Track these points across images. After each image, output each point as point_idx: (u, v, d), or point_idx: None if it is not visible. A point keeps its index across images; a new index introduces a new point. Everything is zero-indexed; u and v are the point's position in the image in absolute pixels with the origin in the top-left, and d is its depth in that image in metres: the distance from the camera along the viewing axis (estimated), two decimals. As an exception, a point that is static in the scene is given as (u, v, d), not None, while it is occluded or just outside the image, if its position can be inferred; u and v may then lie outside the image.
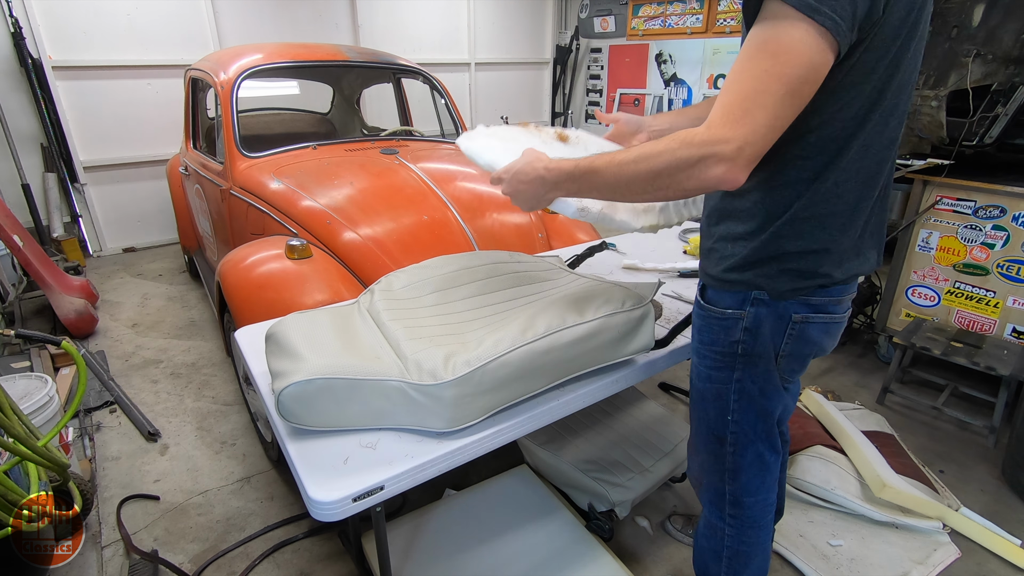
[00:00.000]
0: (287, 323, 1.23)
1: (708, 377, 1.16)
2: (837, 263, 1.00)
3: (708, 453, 1.24)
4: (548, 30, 6.97)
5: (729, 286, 1.07)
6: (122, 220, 4.71)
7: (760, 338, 1.06)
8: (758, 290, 1.03)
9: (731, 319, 1.08)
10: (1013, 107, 2.38)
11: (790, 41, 0.78)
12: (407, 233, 2.11)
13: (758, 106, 0.79)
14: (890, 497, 1.85)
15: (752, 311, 1.05)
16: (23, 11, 3.90)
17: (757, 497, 1.23)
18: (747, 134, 0.80)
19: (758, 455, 1.18)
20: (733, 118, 0.80)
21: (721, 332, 1.10)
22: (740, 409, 1.14)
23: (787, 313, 1.03)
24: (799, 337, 1.06)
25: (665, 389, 2.68)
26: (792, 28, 0.77)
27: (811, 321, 1.04)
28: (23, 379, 2.00)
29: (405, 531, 1.67)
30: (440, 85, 3.29)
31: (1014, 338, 2.47)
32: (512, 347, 1.10)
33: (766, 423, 1.15)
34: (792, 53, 0.78)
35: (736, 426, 1.16)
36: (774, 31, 0.79)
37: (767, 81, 0.79)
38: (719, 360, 1.13)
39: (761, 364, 1.09)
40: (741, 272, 1.04)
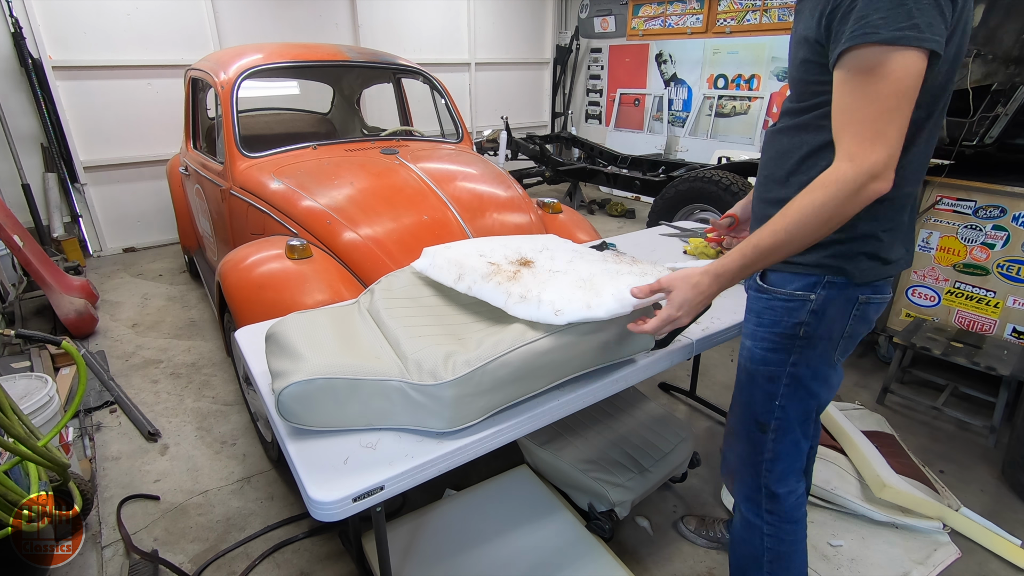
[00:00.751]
0: (287, 323, 1.23)
1: (763, 359, 1.18)
2: (896, 246, 1.07)
3: (748, 442, 1.25)
4: (548, 30, 6.97)
5: (799, 268, 1.09)
6: (122, 220, 4.71)
7: (825, 320, 1.09)
8: (833, 274, 1.07)
9: (798, 300, 1.10)
10: (1013, 107, 2.38)
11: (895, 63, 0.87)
12: (407, 233, 2.11)
13: (887, 123, 0.89)
14: (890, 497, 1.85)
15: (823, 294, 1.08)
16: (23, 11, 3.90)
17: (789, 487, 1.25)
18: (889, 151, 0.90)
19: (795, 443, 1.21)
20: (870, 141, 0.90)
21: (784, 314, 1.12)
22: (788, 394, 1.17)
23: (855, 295, 1.08)
24: (861, 318, 1.11)
25: (665, 389, 2.68)
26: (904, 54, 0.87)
27: (872, 302, 1.10)
28: (23, 379, 2.00)
29: (405, 531, 1.67)
30: (440, 85, 3.29)
31: (1014, 338, 2.47)
32: (512, 347, 1.10)
33: (808, 407, 1.19)
34: (899, 72, 0.87)
35: (781, 411, 1.19)
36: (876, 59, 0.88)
37: (888, 100, 0.88)
38: (777, 342, 1.15)
39: (820, 346, 1.12)
40: (815, 254, 1.06)
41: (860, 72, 0.89)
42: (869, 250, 1.05)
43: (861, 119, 0.90)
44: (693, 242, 2.13)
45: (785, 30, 4.85)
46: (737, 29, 5.28)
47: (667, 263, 1.97)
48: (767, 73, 5.31)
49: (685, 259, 2.08)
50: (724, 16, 5.33)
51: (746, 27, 5.21)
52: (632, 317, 1.16)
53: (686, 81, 5.99)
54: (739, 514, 1.34)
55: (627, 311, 1.13)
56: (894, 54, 0.86)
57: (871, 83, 0.89)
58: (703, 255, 2.06)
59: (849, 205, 0.93)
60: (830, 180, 0.93)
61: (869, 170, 0.90)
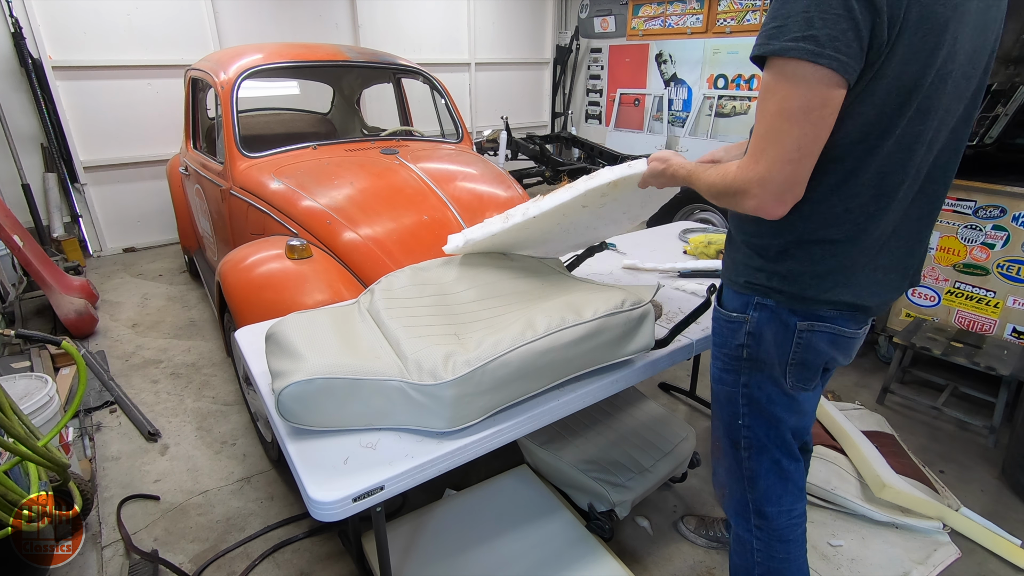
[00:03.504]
0: (287, 323, 1.23)
1: (719, 379, 1.18)
2: (845, 288, 0.98)
3: (729, 457, 1.23)
4: (548, 30, 6.97)
5: (735, 286, 1.09)
6: (122, 220, 4.71)
7: (764, 344, 1.06)
8: (761, 295, 1.04)
9: (736, 321, 1.09)
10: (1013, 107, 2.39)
11: (793, 80, 0.81)
12: (407, 233, 2.11)
13: (770, 143, 0.85)
14: (890, 497, 1.85)
15: (755, 316, 1.06)
16: (23, 11, 3.90)
17: (780, 507, 1.20)
18: (763, 171, 0.86)
19: (775, 462, 1.17)
20: (753, 158, 0.88)
21: (728, 334, 1.12)
22: (750, 414, 1.14)
23: (791, 321, 1.02)
24: (807, 346, 1.04)
25: (665, 389, 2.68)
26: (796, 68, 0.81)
27: (817, 330, 1.02)
28: (23, 379, 2.00)
29: (405, 531, 1.67)
30: (440, 85, 3.29)
31: (1014, 338, 2.47)
32: (512, 347, 1.10)
33: (778, 430, 1.14)
34: (796, 90, 0.81)
35: (748, 431, 1.16)
36: (769, 72, 0.84)
37: (772, 119, 0.84)
38: (728, 363, 1.14)
39: (766, 370, 1.08)
40: (749, 275, 1.05)
41: (763, 83, 0.86)
42: (802, 291, 0.99)
43: (756, 133, 0.88)
44: (693, 242, 2.13)
45: (785, 30, 4.85)
46: (737, 29, 5.28)
47: (667, 263, 1.97)
48: (767, 73, 5.30)
49: (685, 259, 2.08)
50: (724, 16, 5.34)
51: (746, 27, 5.21)
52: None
53: (686, 81, 5.99)
54: (732, 529, 1.32)
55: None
56: (784, 67, 0.81)
57: (762, 98, 0.85)
58: (703, 255, 2.06)
59: (732, 200, 0.93)
60: (723, 170, 0.95)
61: (743, 184, 0.89)
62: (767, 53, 0.82)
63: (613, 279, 1.87)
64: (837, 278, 0.98)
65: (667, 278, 1.90)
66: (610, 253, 2.12)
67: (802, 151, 0.84)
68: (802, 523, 1.25)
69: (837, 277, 0.98)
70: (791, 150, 0.83)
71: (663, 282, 1.85)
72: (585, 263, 1.93)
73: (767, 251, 1.02)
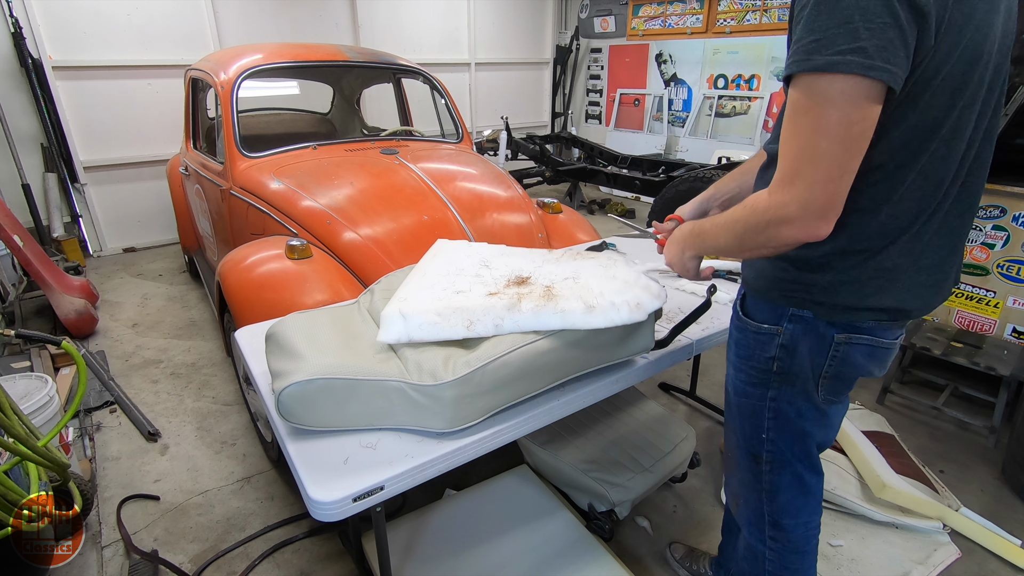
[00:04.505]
0: (287, 323, 1.23)
1: (744, 392, 1.12)
2: (888, 294, 0.94)
3: (745, 470, 1.19)
4: (548, 30, 6.97)
5: (766, 295, 1.02)
6: (122, 220, 4.71)
7: (797, 357, 1.01)
8: (796, 306, 0.98)
9: (766, 334, 1.03)
10: (1013, 107, 2.38)
11: (831, 95, 0.76)
12: (407, 233, 2.11)
13: (807, 164, 0.79)
14: (890, 497, 1.85)
15: (789, 328, 1.00)
16: (23, 11, 3.90)
17: (799, 519, 1.17)
18: (802, 193, 0.81)
19: (796, 476, 1.12)
20: (787, 181, 0.82)
21: (757, 347, 1.06)
22: (775, 428, 1.09)
23: (828, 333, 0.97)
24: (843, 359, 0.99)
25: (665, 389, 2.68)
26: (842, 83, 0.75)
27: (855, 342, 0.97)
28: (23, 379, 2.00)
29: (405, 531, 1.67)
30: (440, 85, 3.29)
31: (1014, 338, 2.47)
32: (512, 347, 1.10)
33: (804, 445, 1.10)
34: (831, 106, 0.76)
35: (772, 445, 1.10)
36: (813, 89, 0.78)
37: (812, 139, 0.78)
38: (754, 376, 1.08)
39: (798, 384, 1.03)
40: (784, 286, 0.99)
41: (792, 101, 0.80)
42: (840, 301, 0.94)
43: (787, 153, 0.82)
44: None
45: (785, 30, 4.85)
46: (737, 29, 5.28)
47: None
48: (767, 73, 5.31)
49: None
50: (724, 16, 5.34)
51: (746, 27, 5.21)
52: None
53: (686, 81, 5.99)
54: (743, 538, 1.29)
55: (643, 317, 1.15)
56: (827, 84, 0.75)
57: (793, 118, 0.80)
58: (703, 255, 2.06)
59: (762, 237, 0.87)
60: (749, 204, 0.89)
61: (777, 212, 0.83)
62: (811, 69, 0.76)
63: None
64: (880, 283, 0.93)
65: (667, 278, 1.90)
66: (610, 253, 2.11)
67: (842, 168, 0.79)
68: (817, 534, 1.21)
69: (880, 283, 0.93)
70: (832, 168, 0.79)
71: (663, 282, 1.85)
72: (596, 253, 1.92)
73: (806, 263, 0.96)
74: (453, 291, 1.21)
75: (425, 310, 1.14)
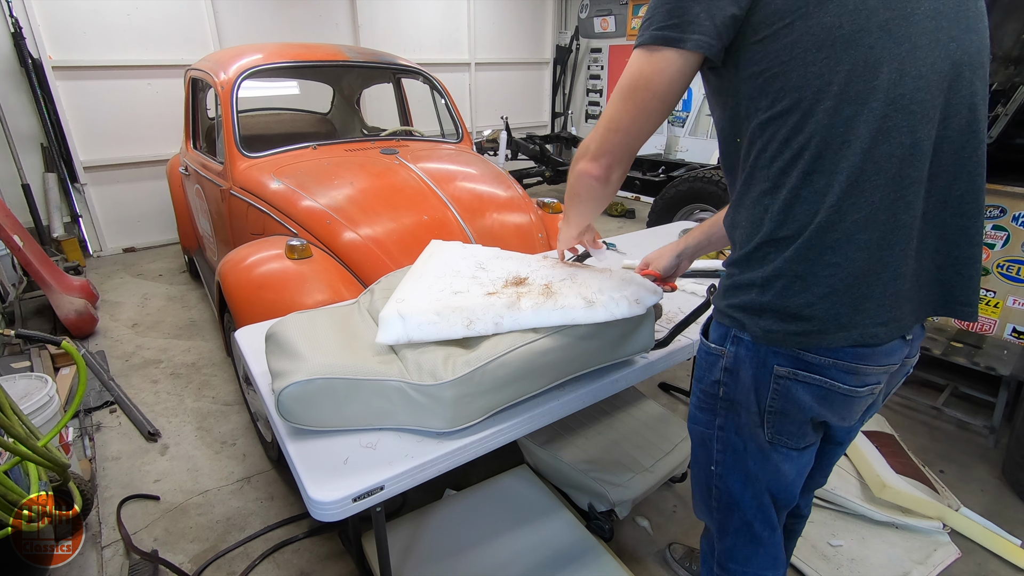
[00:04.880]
0: (287, 323, 1.23)
1: (693, 416, 1.06)
2: (841, 313, 0.80)
3: (701, 499, 1.12)
4: (548, 30, 6.97)
5: (717, 315, 0.96)
6: (122, 220, 4.71)
7: (740, 384, 0.92)
8: (738, 328, 0.90)
9: (714, 354, 0.96)
10: (1013, 107, 2.38)
11: (636, 66, 0.87)
12: (407, 233, 2.11)
13: (603, 114, 0.94)
14: (890, 497, 1.85)
15: (732, 350, 0.92)
16: (23, 11, 3.90)
17: (747, 569, 1.07)
18: (590, 142, 0.96)
19: (745, 523, 1.02)
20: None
21: (706, 368, 0.99)
22: (724, 463, 1.00)
23: (768, 362, 0.88)
24: (784, 395, 0.88)
25: (665, 389, 2.68)
26: (637, 56, 0.87)
27: (797, 379, 0.86)
28: (23, 379, 2.00)
29: (405, 531, 1.67)
30: (440, 85, 3.29)
31: (1014, 338, 2.47)
32: (512, 347, 1.09)
33: (754, 489, 0.98)
34: (630, 73, 0.88)
35: (720, 481, 1.02)
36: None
37: (614, 94, 0.92)
38: (703, 399, 1.02)
39: (743, 416, 0.94)
40: (724, 300, 0.93)
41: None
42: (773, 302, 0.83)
43: None
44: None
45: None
46: (737, 29, 5.27)
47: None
48: (767, 73, 5.30)
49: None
50: (724, 16, 5.33)
51: (746, 27, 5.20)
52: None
53: (685, 81, 5.98)
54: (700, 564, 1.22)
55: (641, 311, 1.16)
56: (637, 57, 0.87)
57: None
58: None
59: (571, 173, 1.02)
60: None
61: (580, 148, 0.99)
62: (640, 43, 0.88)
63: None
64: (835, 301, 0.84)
65: (667, 278, 1.90)
66: (610, 253, 2.12)
67: (624, 123, 0.91)
68: None
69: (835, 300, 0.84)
70: (612, 121, 0.92)
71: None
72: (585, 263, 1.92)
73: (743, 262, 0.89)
74: (451, 291, 1.21)
75: (424, 310, 1.13)
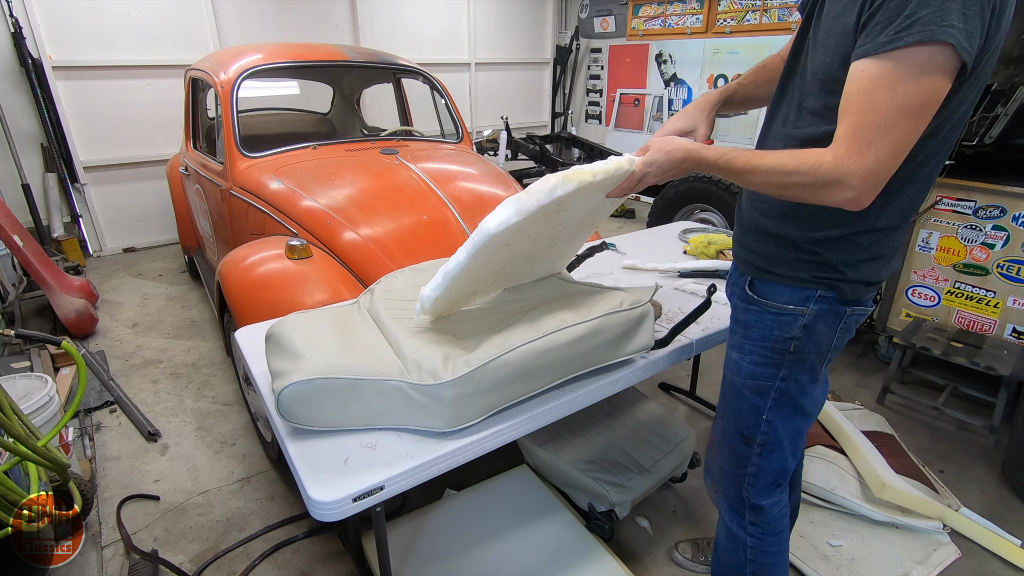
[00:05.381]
0: (287, 323, 1.23)
1: (751, 373, 1.15)
2: (887, 266, 1.05)
3: (731, 455, 1.23)
4: (548, 30, 6.97)
5: (793, 281, 1.07)
6: (122, 220, 4.71)
7: (815, 335, 1.07)
8: (826, 288, 1.04)
9: (790, 314, 1.07)
10: (1013, 107, 2.38)
11: (914, 68, 0.77)
12: (407, 233, 2.11)
13: (880, 136, 0.80)
14: (890, 497, 1.85)
15: (815, 308, 1.05)
16: (23, 11, 3.90)
17: (774, 498, 1.23)
18: (871, 164, 0.82)
19: (782, 459, 1.19)
20: (858, 149, 0.82)
21: (775, 328, 1.09)
22: (776, 408, 1.14)
23: (843, 310, 1.06)
24: (846, 330, 1.09)
25: (665, 389, 2.68)
26: (917, 52, 0.77)
27: (856, 314, 1.08)
28: (23, 379, 2.00)
29: (405, 531, 1.67)
30: (440, 85, 3.29)
31: (1014, 338, 2.47)
32: (511, 347, 1.10)
33: (797, 425, 1.16)
34: (915, 81, 0.78)
35: (769, 427, 1.16)
36: (895, 58, 0.78)
37: (888, 114, 0.79)
38: (767, 356, 1.12)
39: (809, 361, 1.09)
40: (812, 269, 1.04)
41: (874, 77, 0.80)
42: (862, 276, 1.03)
43: (861, 122, 0.82)
44: (693, 242, 2.13)
45: (785, 30, 4.85)
46: (737, 29, 5.28)
47: (667, 263, 1.97)
48: (767, 73, 5.30)
49: (685, 259, 2.08)
50: (724, 16, 5.33)
51: (746, 27, 5.21)
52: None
53: (686, 81, 5.98)
54: (723, 525, 1.32)
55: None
56: (922, 55, 0.76)
57: (879, 89, 0.79)
58: (703, 255, 2.06)
59: (808, 194, 0.89)
60: (808, 159, 0.87)
61: (840, 176, 0.84)
62: (915, 42, 0.76)
63: (613, 279, 1.87)
64: (889, 260, 1.04)
65: (667, 278, 1.90)
66: (610, 253, 2.12)
67: (907, 145, 0.83)
68: (787, 513, 1.27)
69: (889, 259, 1.04)
70: (902, 143, 0.82)
71: (662, 282, 1.85)
72: (585, 263, 1.93)
73: (830, 243, 1.01)
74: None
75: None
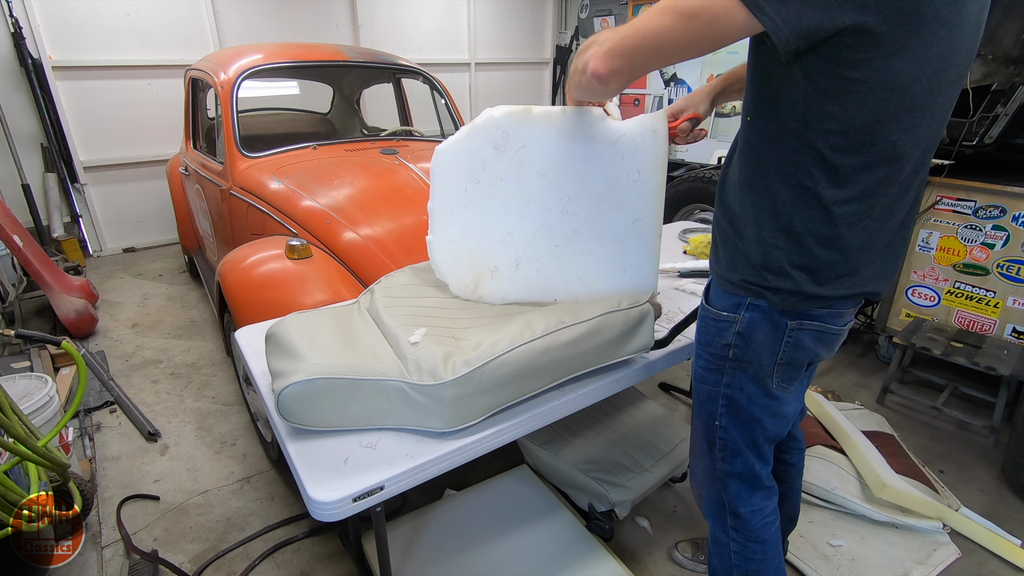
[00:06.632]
0: (287, 323, 1.23)
1: (700, 377, 1.17)
2: (838, 284, 0.97)
3: (704, 460, 1.23)
4: (548, 30, 6.97)
5: (727, 286, 1.07)
6: (122, 220, 4.71)
7: (752, 344, 1.05)
8: (755, 296, 1.02)
9: (725, 321, 1.07)
10: (1013, 107, 2.38)
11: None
12: (407, 233, 2.11)
13: (632, 28, 0.86)
14: (890, 497, 1.85)
15: (747, 316, 1.04)
16: (23, 11, 3.90)
17: (753, 506, 1.21)
18: (611, 35, 0.89)
19: (747, 465, 1.17)
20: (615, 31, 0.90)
21: (715, 333, 1.10)
22: (727, 415, 1.14)
23: (783, 322, 1.02)
24: (795, 345, 1.04)
25: (665, 389, 2.68)
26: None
27: (806, 328, 1.02)
28: (23, 379, 2.00)
29: (405, 531, 1.67)
30: (440, 85, 3.29)
31: (1014, 338, 2.47)
32: (511, 347, 1.10)
33: (753, 433, 1.14)
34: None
35: (724, 432, 1.15)
36: None
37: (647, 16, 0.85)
38: (711, 361, 1.13)
39: (751, 370, 1.08)
40: (739, 273, 1.03)
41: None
42: (791, 287, 0.97)
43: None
44: (693, 242, 2.13)
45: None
46: (737, 29, 5.27)
47: (667, 263, 1.97)
48: (767, 73, 5.29)
49: (685, 259, 2.08)
50: (724, 16, 5.33)
51: (746, 27, 5.20)
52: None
53: (686, 81, 5.98)
54: (710, 529, 1.32)
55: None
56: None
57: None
58: (703, 255, 2.06)
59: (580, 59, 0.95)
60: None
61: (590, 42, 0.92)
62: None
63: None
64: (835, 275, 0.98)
65: (667, 278, 1.90)
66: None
67: (656, 39, 0.84)
68: (774, 522, 1.24)
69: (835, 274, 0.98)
70: (644, 33, 0.85)
71: (662, 282, 1.85)
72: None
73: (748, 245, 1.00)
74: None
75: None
